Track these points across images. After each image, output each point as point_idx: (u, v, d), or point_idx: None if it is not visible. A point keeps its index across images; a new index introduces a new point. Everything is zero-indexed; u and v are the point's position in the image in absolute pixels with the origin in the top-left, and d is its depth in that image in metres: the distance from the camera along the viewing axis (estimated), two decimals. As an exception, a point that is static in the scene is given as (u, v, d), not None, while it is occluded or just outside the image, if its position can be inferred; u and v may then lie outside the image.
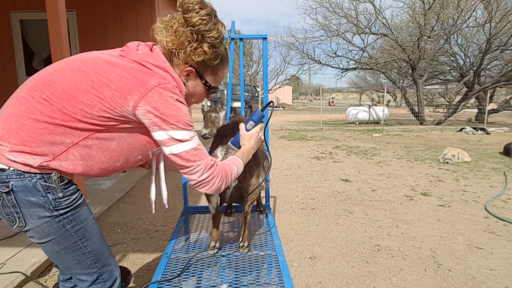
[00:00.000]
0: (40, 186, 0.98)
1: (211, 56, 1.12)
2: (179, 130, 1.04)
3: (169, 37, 1.08)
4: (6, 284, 1.95)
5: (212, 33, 1.08)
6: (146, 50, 1.09)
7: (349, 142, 8.60)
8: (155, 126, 1.02)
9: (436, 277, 2.25)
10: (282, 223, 3.16)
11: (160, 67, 1.06)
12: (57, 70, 1.02)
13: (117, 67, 1.02)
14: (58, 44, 2.36)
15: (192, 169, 1.10)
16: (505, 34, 14.30)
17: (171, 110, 1.02)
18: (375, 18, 15.41)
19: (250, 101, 14.60)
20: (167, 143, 1.05)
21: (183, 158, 1.08)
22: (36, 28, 5.27)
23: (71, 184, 1.07)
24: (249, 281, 1.36)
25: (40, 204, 0.99)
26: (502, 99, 25.21)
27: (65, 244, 1.06)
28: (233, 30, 2.11)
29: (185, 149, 1.07)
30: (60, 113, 0.97)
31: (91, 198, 3.62)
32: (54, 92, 0.98)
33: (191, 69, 1.13)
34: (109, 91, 0.98)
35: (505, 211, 3.53)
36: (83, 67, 1.01)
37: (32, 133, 0.96)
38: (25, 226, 1.01)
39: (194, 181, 1.12)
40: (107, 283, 1.17)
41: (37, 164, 0.97)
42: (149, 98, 0.99)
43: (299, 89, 54.11)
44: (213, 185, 1.15)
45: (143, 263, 2.41)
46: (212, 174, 1.13)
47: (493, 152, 7.02)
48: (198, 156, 1.10)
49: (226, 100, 2.35)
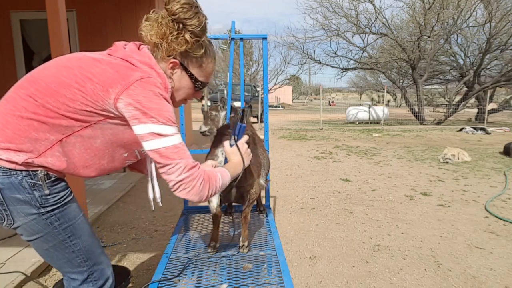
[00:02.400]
0: (26, 183, 0.98)
1: (193, 45, 1.11)
2: (160, 124, 1.00)
3: (152, 30, 1.08)
4: (6, 284, 1.95)
5: (192, 21, 1.08)
6: (132, 48, 1.10)
7: (349, 142, 8.60)
8: (135, 119, 0.99)
9: (436, 277, 2.25)
10: (282, 223, 3.16)
11: (145, 63, 1.05)
12: (43, 68, 1.04)
13: (101, 62, 1.02)
14: (58, 44, 2.36)
15: (170, 167, 1.03)
16: (505, 34, 14.32)
17: (152, 103, 0.99)
18: (375, 18, 15.44)
19: (250, 101, 14.56)
20: (146, 138, 1.00)
21: (162, 155, 1.01)
22: (36, 28, 5.27)
23: (60, 182, 1.06)
24: (249, 281, 1.36)
25: (26, 201, 0.99)
26: (502, 99, 25.22)
27: (54, 242, 1.05)
28: (233, 30, 2.11)
29: (165, 145, 1.01)
30: (44, 109, 0.97)
31: (91, 198, 3.62)
32: (38, 88, 0.98)
33: (175, 61, 1.12)
34: (91, 85, 0.98)
35: (505, 211, 3.53)
36: (68, 63, 1.02)
37: (17, 130, 0.96)
38: (13, 223, 1.01)
39: (172, 181, 1.04)
40: (99, 282, 1.16)
41: (21, 160, 0.97)
42: (131, 91, 0.98)
43: (299, 89, 54.13)
44: (194, 188, 1.07)
45: (143, 263, 2.41)
46: (193, 176, 1.05)
47: (493, 152, 7.02)
48: (179, 154, 1.03)
49: (226, 100, 2.35)
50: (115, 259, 2.45)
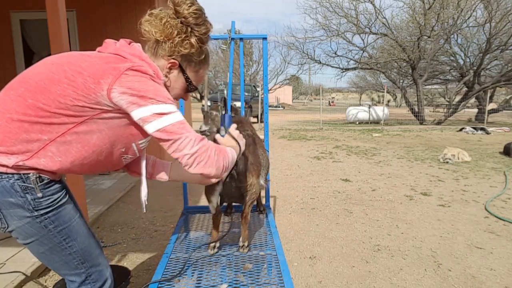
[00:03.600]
0: (18, 187, 0.97)
1: (196, 50, 1.13)
2: (160, 103, 0.99)
3: (157, 28, 1.08)
4: (6, 284, 1.95)
5: (201, 28, 1.11)
6: (123, 43, 1.10)
7: (349, 142, 8.60)
8: (133, 105, 0.98)
9: (436, 277, 2.25)
10: (282, 223, 3.16)
11: (135, 55, 1.06)
12: (33, 67, 1.03)
13: (90, 56, 1.02)
14: (58, 44, 2.36)
15: (181, 142, 1.01)
16: (505, 34, 14.31)
17: (147, 86, 0.99)
18: (375, 18, 15.43)
19: (250, 101, 14.56)
20: (149, 120, 0.99)
21: (170, 131, 1.00)
22: (36, 28, 5.27)
23: (53, 184, 1.04)
24: (249, 281, 1.36)
25: (19, 205, 0.98)
26: (502, 99, 25.22)
27: (50, 245, 1.04)
28: (233, 30, 2.11)
29: (170, 121, 1.00)
30: (34, 108, 0.95)
31: (91, 198, 3.62)
32: (28, 88, 0.97)
33: (175, 61, 1.13)
34: (82, 79, 0.96)
35: (505, 211, 3.53)
36: (56, 60, 1.02)
37: (7, 133, 0.95)
38: (8, 227, 1.00)
39: (186, 155, 1.01)
40: (97, 283, 1.15)
41: (12, 163, 0.95)
42: (123, 79, 0.97)
43: (299, 89, 54.12)
44: (210, 158, 1.05)
45: (143, 263, 2.41)
46: (205, 146, 1.04)
47: (493, 152, 7.02)
48: (186, 129, 1.02)
49: (226, 100, 2.35)
50: (115, 259, 2.45)
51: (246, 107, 13.09)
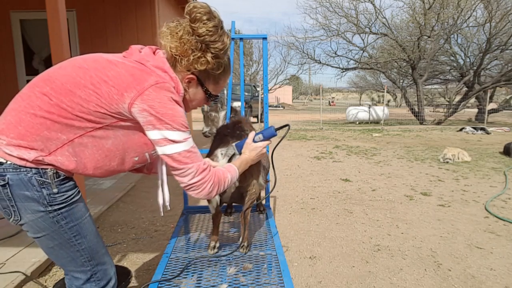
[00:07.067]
0: (35, 181, 0.99)
1: (213, 66, 1.14)
2: (174, 130, 1.04)
3: (173, 43, 1.10)
4: (6, 284, 1.95)
5: (217, 44, 1.11)
6: (148, 52, 1.11)
7: (349, 142, 8.60)
8: (149, 125, 1.03)
9: (436, 277, 2.25)
10: (282, 223, 3.16)
11: (158, 67, 1.07)
12: (59, 67, 1.05)
13: (117, 65, 1.04)
14: (58, 44, 2.36)
15: (183, 172, 1.10)
16: (505, 34, 14.30)
17: (166, 109, 1.03)
18: (375, 18, 15.42)
19: (250, 101, 14.55)
20: (160, 143, 1.06)
21: (175, 160, 1.08)
22: (36, 28, 5.27)
23: (68, 181, 1.07)
24: (249, 281, 1.36)
25: (34, 199, 1.00)
26: (502, 98, 25.19)
27: (59, 240, 1.06)
28: (233, 30, 2.11)
29: (178, 150, 1.07)
30: (58, 108, 0.98)
31: (91, 198, 3.62)
32: (53, 87, 0.99)
33: (193, 76, 1.15)
34: (107, 88, 1.00)
35: (505, 211, 3.53)
36: (84, 64, 1.04)
37: (30, 128, 0.97)
38: (20, 219, 1.02)
39: (184, 183, 1.12)
40: (101, 282, 1.16)
41: (32, 158, 0.98)
42: (146, 96, 1.00)
43: (299, 89, 54.09)
44: (204, 190, 1.15)
45: (143, 263, 2.41)
46: (204, 179, 1.13)
47: (493, 152, 7.02)
48: (191, 158, 1.10)
49: (226, 100, 2.35)
50: (115, 259, 2.45)
51: (246, 107, 13.09)
